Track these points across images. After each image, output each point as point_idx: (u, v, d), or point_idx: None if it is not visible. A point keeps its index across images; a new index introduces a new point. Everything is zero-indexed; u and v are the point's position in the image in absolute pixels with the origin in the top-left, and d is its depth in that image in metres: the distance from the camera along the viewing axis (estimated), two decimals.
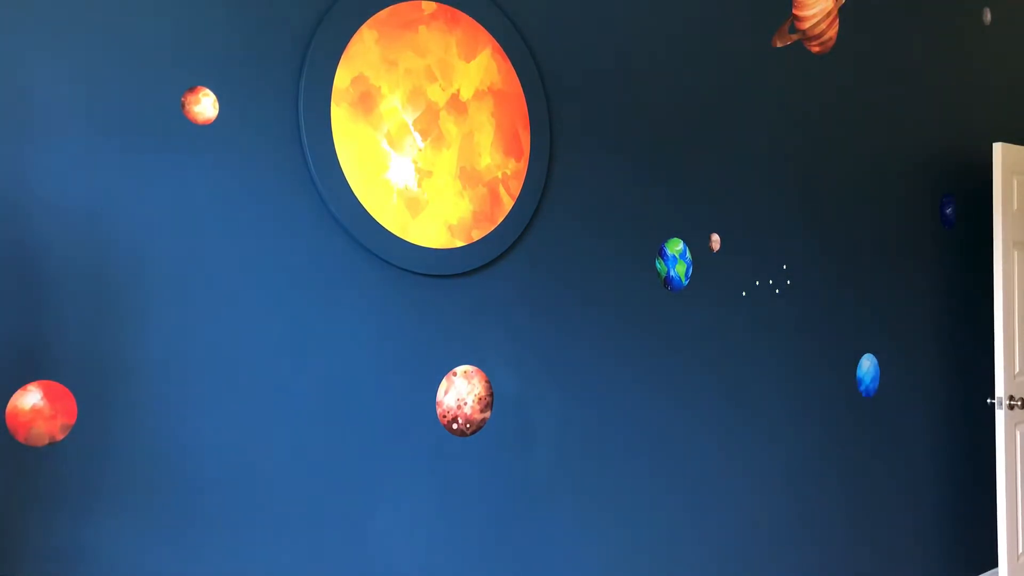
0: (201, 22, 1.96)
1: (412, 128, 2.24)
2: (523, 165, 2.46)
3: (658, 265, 2.81)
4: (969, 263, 3.93)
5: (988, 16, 4.06)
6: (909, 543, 3.69)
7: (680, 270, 2.86)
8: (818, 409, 3.31)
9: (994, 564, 4.00)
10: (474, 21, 2.36)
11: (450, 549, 2.35)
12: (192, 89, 1.94)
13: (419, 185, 2.25)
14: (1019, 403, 3.56)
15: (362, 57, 2.16)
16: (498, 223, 2.40)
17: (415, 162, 2.24)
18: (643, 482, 2.77)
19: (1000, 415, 3.52)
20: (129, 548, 1.86)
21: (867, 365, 3.49)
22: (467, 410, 2.38)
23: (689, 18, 2.89)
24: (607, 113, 2.68)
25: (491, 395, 2.43)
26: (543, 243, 2.53)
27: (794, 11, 3.21)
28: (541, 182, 2.50)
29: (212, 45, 1.97)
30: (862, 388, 3.48)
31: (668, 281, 2.83)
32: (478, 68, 2.37)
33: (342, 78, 2.13)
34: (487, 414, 2.42)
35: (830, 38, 3.33)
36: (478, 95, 2.36)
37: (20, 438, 1.73)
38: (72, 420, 1.79)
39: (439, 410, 2.33)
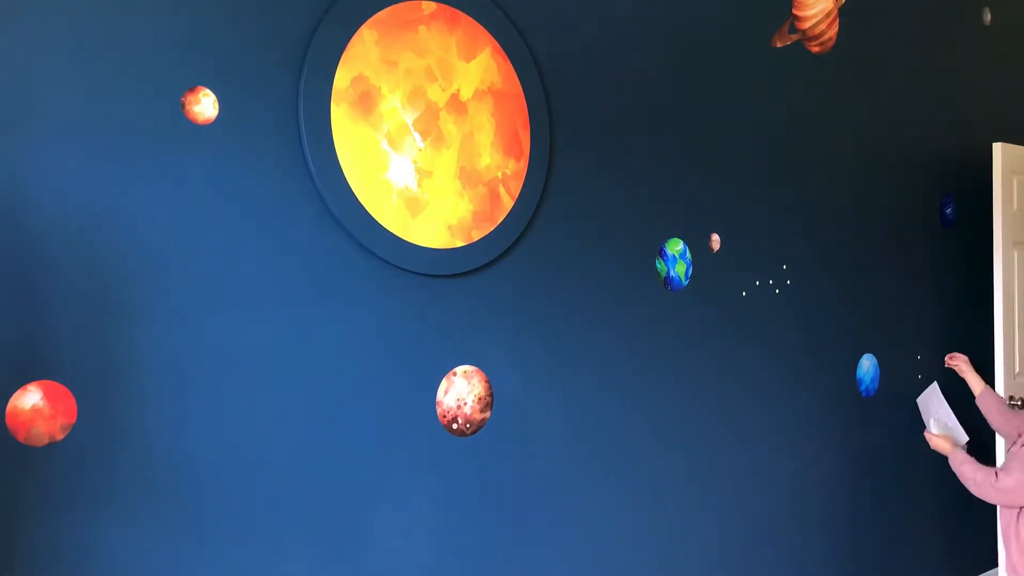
0: (201, 22, 1.96)
1: (412, 128, 2.24)
2: (523, 165, 2.46)
3: (658, 265, 2.81)
4: (969, 263, 3.93)
5: (988, 16, 4.06)
6: (909, 543, 3.68)
7: (680, 270, 2.86)
8: (818, 409, 3.30)
9: (994, 564, 4.00)
10: (474, 21, 2.36)
11: (450, 549, 2.34)
12: (192, 89, 1.94)
13: (419, 185, 2.25)
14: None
15: (362, 57, 2.16)
16: (498, 223, 2.40)
17: (415, 162, 2.24)
18: (643, 482, 2.77)
19: None
20: (129, 548, 1.85)
21: (867, 365, 3.49)
22: (467, 410, 2.38)
23: (689, 18, 2.89)
24: (607, 113, 2.68)
25: (491, 395, 2.43)
26: (543, 243, 2.53)
27: (794, 11, 3.21)
28: (541, 182, 2.50)
29: (212, 45, 1.97)
30: (862, 388, 3.47)
31: (668, 281, 2.83)
32: (478, 68, 2.37)
33: (342, 78, 2.12)
34: (487, 414, 2.42)
35: (830, 38, 3.33)
36: (478, 95, 2.36)
37: (20, 438, 1.73)
38: (72, 420, 1.79)
39: (439, 410, 2.33)
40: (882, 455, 3.54)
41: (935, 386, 3.31)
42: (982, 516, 3.76)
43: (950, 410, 3.15)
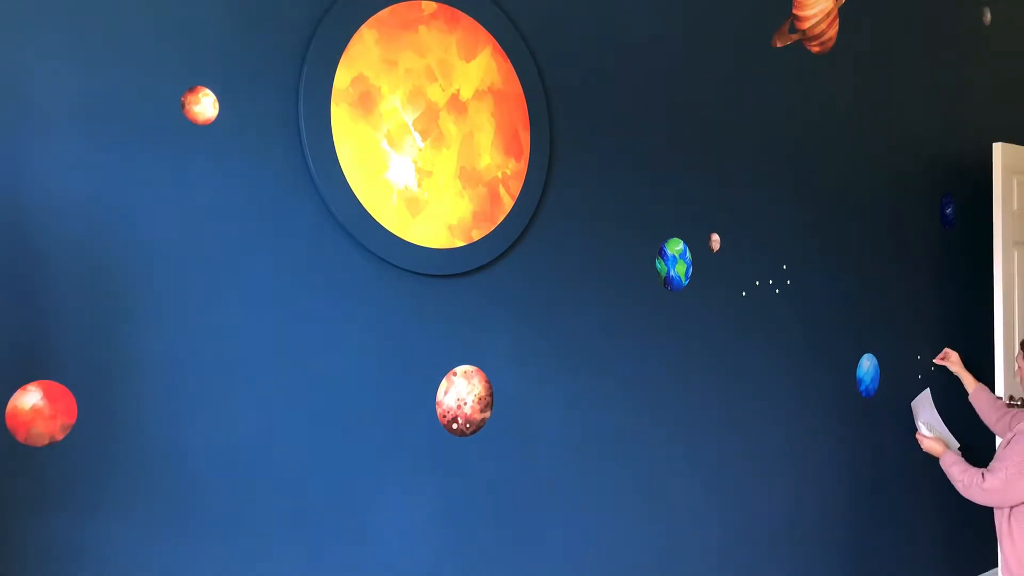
0: (201, 22, 1.96)
1: (412, 128, 2.24)
2: (523, 165, 2.46)
3: (658, 265, 2.81)
4: (969, 263, 3.93)
5: (988, 16, 4.06)
6: (909, 543, 3.68)
7: (680, 270, 2.86)
8: (818, 409, 3.30)
9: (994, 564, 4.00)
10: (474, 21, 2.35)
11: (450, 549, 2.34)
12: (192, 89, 1.94)
13: (419, 185, 2.25)
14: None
15: (362, 57, 2.16)
16: (498, 223, 2.40)
17: (415, 162, 2.24)
18: (643, 481, 2.77)
19: None
20: (129, 548, 1.85)
21: (867, 365, 3.49)
22: (467, 410, 2.38)
23: (689, 18, 2.89)
24: (607, 113, 2.68)
25: (491, 395, 2.43)
26: (543, 243, 2.53)
27: (794, 11, 3.21)
28: (541, 182, 2.50)
29: (212, 45, 1.97)
30: (862, 388, 3.47)
31: (668, 281, 2.83)
32: (478, 68, 2.37)
33: (342, 78, 2.12)
34: (487, 414, 2.42)
35: (830, 38, 3.33)
36: (478, 95, 2.36)
37: (20, 438, 1.73)
38: (72, 420, 1.79)
39: (439, 410, 2.33)
40: (882, 455, 3.54)
41: (927, 392, 3.30)
42: (982, 516, 3.75)
43: (939, 418, 3.17)
